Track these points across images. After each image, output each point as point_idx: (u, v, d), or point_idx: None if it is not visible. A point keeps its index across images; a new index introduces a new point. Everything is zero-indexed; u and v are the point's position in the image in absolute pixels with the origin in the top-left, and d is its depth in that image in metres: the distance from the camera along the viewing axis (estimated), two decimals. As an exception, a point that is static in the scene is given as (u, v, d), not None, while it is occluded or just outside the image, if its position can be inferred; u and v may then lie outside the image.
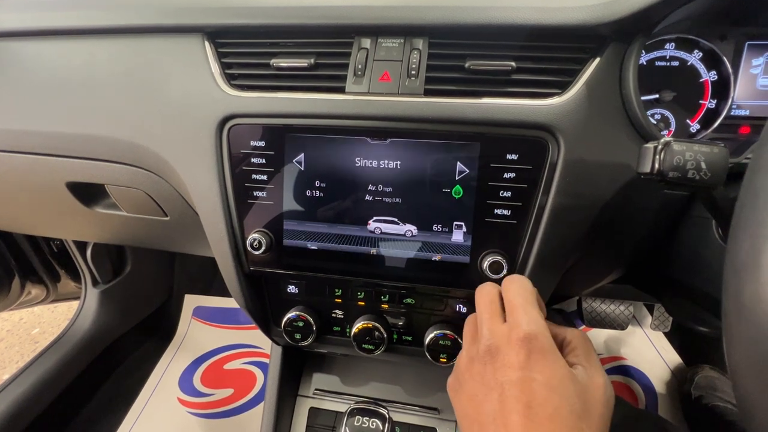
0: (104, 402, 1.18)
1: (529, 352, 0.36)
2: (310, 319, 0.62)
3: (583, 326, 1.20)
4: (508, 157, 0.49)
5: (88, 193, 0.70)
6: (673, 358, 1.26)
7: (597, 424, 0.34)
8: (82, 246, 1.15)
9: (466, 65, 0.49)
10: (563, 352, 0.41)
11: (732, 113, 0.56)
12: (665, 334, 1.28)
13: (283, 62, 0.52)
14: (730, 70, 0.54)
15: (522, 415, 0.33)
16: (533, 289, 0.42)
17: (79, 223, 0.79)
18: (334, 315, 0.64)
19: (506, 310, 0.40)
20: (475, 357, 0.39)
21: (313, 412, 0.79)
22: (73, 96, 0.60)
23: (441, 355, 0.58)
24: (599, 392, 0.36)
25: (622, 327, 1.13)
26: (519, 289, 0.41)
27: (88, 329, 1.19)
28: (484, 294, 0.43)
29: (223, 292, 1.51)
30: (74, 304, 1.26)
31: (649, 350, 1.28)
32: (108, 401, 1.20)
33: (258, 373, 1.32)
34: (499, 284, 0.44)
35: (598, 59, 0.48)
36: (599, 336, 1.32)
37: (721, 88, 0.56)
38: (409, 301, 0.61)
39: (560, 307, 1.29)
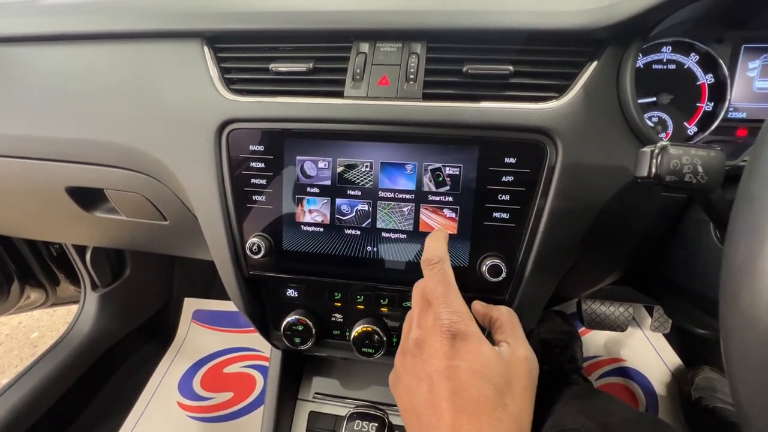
0: (103, 406, 1.18)
1: (452, 340, 0.37)
2: (310, 323, 0.62)
3: (583, 328, 1.20)
4: (507, 160, 0.49)
5: (88, 198, 0.70)
6: (673, 359, 1.26)
7: (520, 396, 0.37)
8: (81, 250, 1.15)
9: (464, 69, 0.49)
10: (492, 330, 0.44)
11: (729, 116, 0.56)
12: (665, 335, 1.28)
13: (282, 67, 0.52)
14: (726, 73, 0.55)
15: (450, 402, 0.35)
16: (450, 273, 0.42)
17: (78, 227, 0.79)
18: (333, 319, 0.64)
19: (430, 302, 0.41)
20: (407, 351, 0.41)
21: (313, 416, 0.79)
22: (72, 101, 0.60)
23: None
24: (522, 366, 0.38)
25: (621, 328, 1.13)
26: (437, 278, 0.41)
27: (87, 333, 1.19)
28: (416, 289, 0.44)
29: (223, 296, 1.50)
30: (73, 308, 1.25)
31: (649, 352, 1.28)
32: (107, 405, 1.19)
33: (258, 376, 1.32)
34: (496, 287, 0.44)
35: (595, 63, 0.48)
36: (599, 338, 1.32)
37: (718, 91, 0.56)
38: (408, 304, 0.61)
39: (560, 308, 1.29)
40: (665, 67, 0.56)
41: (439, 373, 0.36)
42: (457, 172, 0.50)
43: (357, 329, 0.60)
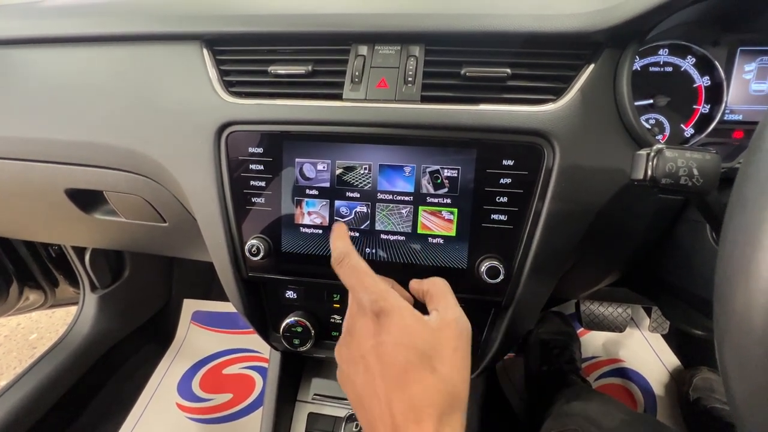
0: (102, 408, 1.18)
1: (375, 318, 0.38)
2: (309, 325, 0.62)
3: (582, 328, 1.21)
4: (504, 162, 0.50)
5: (87, 200, 0.71)
6: (671, 360, 1.26)
7: (450, 358, 0.37)
8: (80, 251, 1.15)
9: (462, 72, 0.49)
10: (426, 302, 0.44)
11: (725, 118, 0.57)
12: (663, 336, 1.29)
13: (281, 69, 0.53)
14: (722, 75, 0.55)
15: (381, 377, 0.36)
16: (358, 260, 0.42)
17: (77, 229, 0.79)
18: (332, 320, 0.64)
19: (351, 291, 0.42)
20: (342, 343, 0.42)
21: (312, 417, 0.79)
22: (71, 103, 0.60)
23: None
24: (450, 328, 0.39)
25: (620, 329, 1.13)
26: (348, 272, 0.42)
27: (86, 334, 1.19)
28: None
29: (222, 297, 1.50)
30: (72, 310, 1.25)
31: (648, 352, 1.28)
32: (106, 407, 1.19)
33: (257, 377, 1.32)
34: (494, 288, 0.45)
35: (592, 66, 0.48)
36: (597, 338, 1.32)
37: (715, 93, 0.56)
38: (407, 305, 0.61)
39: (559, 309, 1.29)
40: (662, 69, 0.57)
41: (369, 352, 0.37)
42: (456, 174, 0.51)
43: (356, 331, 0.61)
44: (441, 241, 0.53)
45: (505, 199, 0.50)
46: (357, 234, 0.55)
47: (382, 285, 0.40)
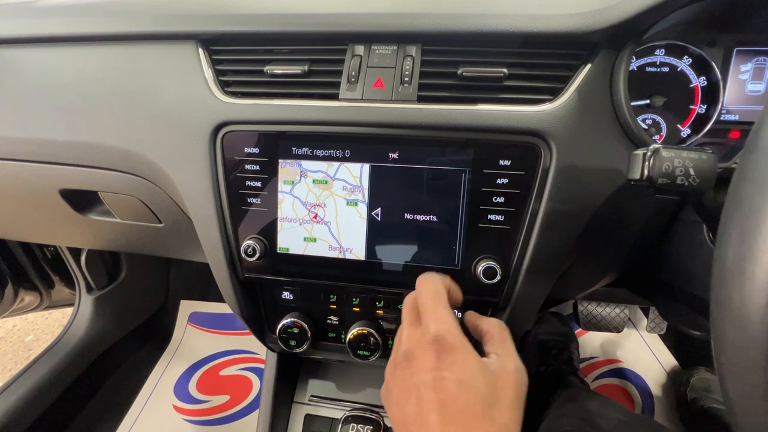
0: (99, 410, 1.17)
1: (438, 352, 0.37)
2: (305, 326, 0.62)
3: (579, 329, 1.21)
4: (501, 162, 0.49)
5: (82, 200, 0.70)
6: (669, 360, 1.26)
7: (508, 408, 0.37)
8: (76, 252, 1.14)
9: (459, 72, 0.49)
10: (482, 342, 0.43)
11: (722, 118, 0.57)
12: (660, 336, 1.29)
13: (277, 69, 0.52)
14: (719, 75, 0.55)
15: (437, 414, 0.35)
16: (442, 288, 0.43)
17: (72, 229, 0.79)
18: (329, 321, 0.64)
19: (420, 314, 0.42)
20: (396, 364, 0.41)
21: (309, 418, 0.78)
22: (66, 103, 0.60)
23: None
24: (510, 378, 0.38)
25: (617, 330, 1.13)
26: (427, 292, 0.42)
27: (82, 336, 1.18)
28: (406, 302, 0.45)
29: (219, 298, 1.50)
30: (68, 311, 1.25)
31: (645, 353, 1.29)
32: (102, 409, 1.18)
33: (254, 379, 1.31)
34: (491, 289, 0.44)
35: (589, 66, 0.48)
36: (595, 339, 1.33)
37: (711, 94, 0.56)
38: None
39: (556, 310, 1.29)
40: (658, 69, 0.57)
41: (426, 385, 0.36)
42: (453, 175, 0.50)
43: (352, 332, 0.60)
44: (438, 241, 0.53)
45: (501, 200, 0.50)
46: (353, 235, 0.54)
47: (453, 319, 0.40)
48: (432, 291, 0.42)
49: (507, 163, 0.49)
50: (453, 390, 0.35)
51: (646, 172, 0.36)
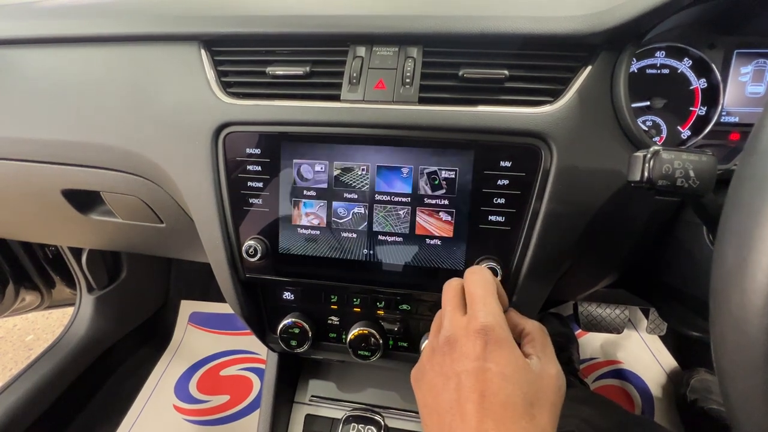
0: (99, 409, 1.17)
1: (485, 342, 0.37)
2: (306, 326, 0.62)
3: (580, 330, 1.21)
4: (502, 164, 0.50)
5: (84, 200, 0.70)
6: (669, 361, 1.27)
7: (548, 410, 0.36)
8: (77, 252, 1.14)
9: (460, 73, 0.49)
10: (522, 342, 0.42)
11: (722, 120, 0.57)
12: (661, 337, 1.29)
13: (279, 70, 0.53)
14: (719, 77, 0.55)
15: (476, 404, 0.34)
16: (494, 280, 0.42)
17: (74, 229, 0.79)
18: (330, 321, 0.64)
19: (467, 302, 0.41)
20: (436, 348, 0.40)
21: (309, 418, 0.78)
22: (68, 104, 0.60)
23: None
24: (551, 381, 0.38)
25: (618, 331, 1.13)
26: (479, 281, 0.41)
27: (83, 336, 1.18)
28: (450, 287, 0.44)
29: (220, 298, 1.50)
30: (69, 311, 1.25)
31: (645, 354, 1.29)
32: (103, 409, 1.19)
33: (254, 379, 1.31)
34: None
35: (589, 68, 0.49)
36: (595, 340, 1.33)
37: (711, 96, 0.57)
38: (404, 307, 0.61)
39: (557, 310, 1.29)
40: (659, 71, 0.57)
41: (468, 373, 0.36)
42: (453, 176, 0.51)
43: (353, 332, 0.60)
44: (438, 242, 0.53)
45: (502, 201, 0.50)
46: (354, 235, 0.55)
47: (501, 312, 0.39)
48: (483, 281, 0.41)
49: (508, 164, 0.49)
50: (496, 382, 0.35)
51: (646, 174, 0.36)
